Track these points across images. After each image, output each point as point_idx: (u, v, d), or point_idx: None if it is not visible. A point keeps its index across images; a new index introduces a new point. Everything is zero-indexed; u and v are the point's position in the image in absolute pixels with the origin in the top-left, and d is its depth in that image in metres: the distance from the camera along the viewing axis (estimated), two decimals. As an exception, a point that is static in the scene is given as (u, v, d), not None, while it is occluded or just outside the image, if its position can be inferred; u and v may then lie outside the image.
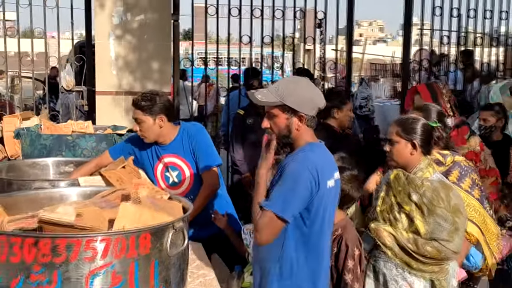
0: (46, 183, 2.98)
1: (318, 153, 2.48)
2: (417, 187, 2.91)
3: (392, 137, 3.04)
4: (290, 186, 2.38)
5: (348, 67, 7.30)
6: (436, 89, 3.80)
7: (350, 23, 6.93)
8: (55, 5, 5.86)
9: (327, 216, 2.50)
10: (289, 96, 2.46)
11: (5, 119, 5.16)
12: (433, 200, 2.88)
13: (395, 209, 2.95)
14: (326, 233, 2.55)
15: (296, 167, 2.40)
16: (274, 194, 2.41)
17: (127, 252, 2.03)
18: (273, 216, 2.38)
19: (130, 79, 5.78)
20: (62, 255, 1.94)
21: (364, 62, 21.29)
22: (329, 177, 2.48)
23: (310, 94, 2.49)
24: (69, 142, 3.98)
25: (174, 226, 2.18)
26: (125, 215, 2.19)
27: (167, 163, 3.58)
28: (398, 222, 2.92)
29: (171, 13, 6.00)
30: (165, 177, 3.61)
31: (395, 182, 2.99)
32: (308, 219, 2.45)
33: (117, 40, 5.73)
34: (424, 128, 3.03)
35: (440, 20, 6.76)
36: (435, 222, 2.86)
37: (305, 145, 2.50)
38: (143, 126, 3.48)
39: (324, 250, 2.56)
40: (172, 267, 2.21)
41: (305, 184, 2.39)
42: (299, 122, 2.48)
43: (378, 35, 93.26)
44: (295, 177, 2.39)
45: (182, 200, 2.57)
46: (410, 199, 2.91)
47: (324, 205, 2.47)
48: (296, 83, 2.53)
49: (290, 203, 2.38)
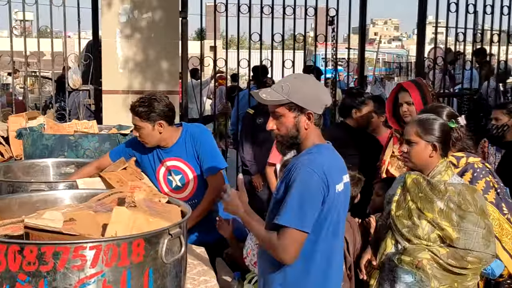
0: (43, 185, 2.88)
1: (325, 156, 2.34)
2: (441, 193, 2.75)
3: (410, 138, 2.86)
4: (302, 195, 2.23)
5: (361, 66, 7.14)
6: (423, 85, 3.64)
7: (363, 20, 6.77)
8: (61, 4, 5.77)
9: (335, 221, 2.35)
10: (295, 93, 2.31)
11: (10, 119, 5.09)
12: (461, 204, 2.72)
13: (414, 215, 2.78)
14: (337, 239, 2.40)
15: (304, 172, 2.25)
16: (287, 206, 2.24)
17: (118, 260, 1.92)
18: (293, 231, 2.23)
19: (137, 78, 5.69)
20: (49, 263, 1.84)
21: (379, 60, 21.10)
22: (337, 181, 2.33)
23: (317, 92, 2.36)
24: (72, 142, 3.89)
25: (170, 232, 2.06)
26: (118, 220, 2.08)
27: (170, 167, 3.47)
28: (418, 228, 2.76)
29: (179, 11, 5.89)
30: (168, 180, 3.50)
31: (415, 187, 2.82)
32: (314, 225, 2.30)
33: (124, 39, 5.64)
34: (443, 128, 2.86)
35: (456, 16, 6.57)
36: (467, 228, 2.71)
37: (312, 147, 2.35)
38: (142, 133, 3.34)
39: (334, 257, 2.40)
40: (168, 275, 2.09)
41: (317, 188, 2.24)
42: (308, 121, 2.34)
43: (393, 33, 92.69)
44: (305, 184, 2.24)
45: (181, 204, 2.45)
46: (434, 206, 2.74)
47: (333, 210, 2.32)
48: (302, 80, 2.40)
49: (306, 213, 2.23)
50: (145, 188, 2.43)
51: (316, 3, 6.64)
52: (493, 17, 6.85)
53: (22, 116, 5.10)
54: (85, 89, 6.08)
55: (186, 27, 6.02)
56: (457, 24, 6.65)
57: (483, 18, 6.91)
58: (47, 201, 2.52)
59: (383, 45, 43.04)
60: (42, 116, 5.25)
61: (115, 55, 5.64)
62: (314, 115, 2.34)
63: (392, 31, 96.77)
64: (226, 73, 6.94)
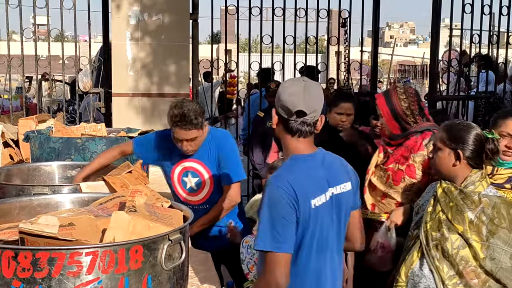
0: (46, 189, 2.83)
1: (298, 169, 2.19)
2: (474, 204, 2.59)
3: (436, 143, 2.72)
4: (271, 214, 2.11)
5: (374, 68, 7.05)
6: (392, 94, 3.47)
7: (376, 22, 6.69)
8: (71, 6, 5.77)
9: (319, 238, 2.21)
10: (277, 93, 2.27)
11: (20, 122, 5.09)
12: (494, 218, 2.56)
13: (444, 226, 2.62)
14: (325, 255, 2.26)
15: (269, 190, 2.14)
16: (260, 229, 2.13)
17: (116, 266, 1.86)
18: (272, 254, 2.10)
19: (147, 80, 5.66)
20: (43, 269, 1.78)
21: (394, 64, 20.95)
22: (314, 195, 2.18)
23: (281, 93, 2.22)
24: (79, 145, 3.85)
25: (170, 237, 2.00)
26: (117, 225, 2.02)
27: (188, 168, 3.41)
28: (447, 241, 2.60)
29: (190, 13, 5.85)
30: (182, 181, 3.44)
31: (445, 197, 2.66)
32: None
33: (133, 41, 5.62)
34: (476, 138, 2.67)
35: (471, 18, 6.45)
36: (496, 245, 2.55)
37: (288, 160, 2.24)
38: (196, 142, 3.27)
39: (323, 274, 2.27)
40: (168, 282, 2.03)
41: (285, 205, 2.11)
42: (276, 119, 2.25)
43: (409, 37, 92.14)
44: (271, 202, 2.12)
45: (184, 209, 2.39)
46: (464, 217, 2.59)
47: (312, 227, 2.17)
48: (286, 81, 2.34)
49: (280, 232, 2.10)
50: (147, 192, 2.36)
51: (329, 5, 6.57)
52: (510, 18, 6.72)
53: (32, 119, 5.10)
54: (95, 92, 6.06)
55: (196, 29, 5.98)
56: (472, 26, 6.54)
57: (499, 19, 6.79)
58: (48, 205, 2.48)
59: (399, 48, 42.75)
60: (53, 119, 5.24)
61: (125, 58, 5.62)
62: (277, 116, 2.23)
63: (408, 34, 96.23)
64: (237, 76, 6.88)
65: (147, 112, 5.71)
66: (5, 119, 6.40)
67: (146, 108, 5.69)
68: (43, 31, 7.01)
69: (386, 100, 3.43)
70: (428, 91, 6.64)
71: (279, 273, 2.10)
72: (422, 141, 3.32)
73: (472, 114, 6.95)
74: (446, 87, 7.38)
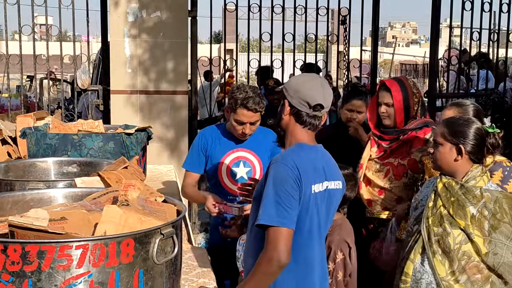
0: (40, 184, 2.81)
1: (303, 154, 2.29)
2: (476, 198, 2.58)
3: (437, 139, 2.71)
4: (277, 191, 2.18)
5: (373, 67, 7.02)
6: (407, 86, 3.36)
7: (376, 19, 6.66)
8: (70, 3, 5.75)
9: (310, 222, 2.28)
10: (286, 83, 2.39)
11: (18, 119, 5.07)
12: (496, 213, 2.55)
13: (445, 221, 2.62)
14: (316, 242, 2.32)
15: (276, 167, 2.22)
16: (265, 205, 2.19)
17: (106, 260, 1.84)
18: (276, 229, 2.17)
19: (145, 77, 5.64)
20: (33, 263, 1.76)
21: (396, 64, 20.92)
22: (314, 181, 2.27)
23: (299, 85, 2.33)
24: (75, 142, 3.83)
25: (162, 231, 1.98)
26: (109, 219, 2.01)
27: (240, 157, 3.44)
28: (449, 236, 2.59)
29: (189, 10, 5.83)
30: (231, 172, 3.45)
31: (446, 192, 2.65)
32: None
33: (132, 38, 5.60)
34: (477, 132, 2.66)
35: (471, 15, 6.42)
36: (498, 240, 2.54)
37: (294, 145, 2.33)
38: (254, 126, 3.35)
39: (314, 261, 2.33)
40: (160, 277, 2.01)
41: (291, 183, 2.19)
42: (286, 110, 2.34)
43: (411, 37, 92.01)
44: (278, 179, 2.19)
45: (177, 203, 2.37)
46: (466, 212, 2.58)
47: (311, 211, 2.25)
48: (300, 75, 2.50)
49: (285, 208, 2.18)
50: (140, 186, 2.34)
51: (328, 3, 6.54)
52: (510, 16, 6.69)
53: (30, 116, 5.08)
54: (94, 89, 6.05)
55: (195, 27, 5.96)
56: (472, 24, 6.51)
57: (499, 17, 6.76)
58: (41, 200, 2.46)
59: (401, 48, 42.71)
60: (51, 116, 5.22)
61: (123, 55, 5.60)
62: (290, 107, 2.32)
63: (410, 34, 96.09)
64: (236, 75, 6.86)
65: (145, 109, 5.69)
66: (4, 117, 6.40)
67: (144, 106, 5.68)
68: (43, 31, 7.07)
69: (401, 89, 3.35)
70: (428, 89, 6.61)
71: (282, 249, 2.15)
72: (424, 136, 3.30)
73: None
74: (446, 85, 7.35)
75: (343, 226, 2.82)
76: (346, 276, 2.66)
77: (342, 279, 2.65)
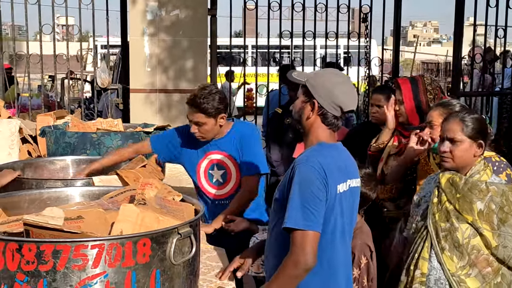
0: (58, 182, 2.80)
1: (326, 154, 2.24)
2: (482, 193, 2.56)
3: (454, 136, 2.63)
4: (303, 193, 2.13)
5: (395, 65, 6.92)
6: (419, 82, 3.34)
7: (398, 19, 6.56)
8: (90, 2, 5.75)
9: (334, 224, 2.22)
10: (312, 79, 2.29)
11: (38, 118, 5.09)
12: (504, 206, 2.53)
13: (452, 216, 2.59)
14: (340, 244, 2.26)
15: (302, 169, 2.17)
16: (291, 208, 2.15)
17: (122, 260, 1.80)
18: (302, 232, 2.12)
19: (164, 76, 5.63)
20: (48, 262, 1.73)
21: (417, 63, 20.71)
22: (339, 181, 2.22)
23: (332, 87, 2.25)
24: (94, 140, 3.82)
25: (179, 231, 1.93)
26: (125, 218, 1.97)
27: (214, 160, 3.35)
28: (457, 231, 2.57)
29: (208, 8, 5.79)
30: (208, 175, 3.39)
31: (451, 187, 2.61)
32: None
33: (151, 37, 5.58)
34: (485, 124, 2.68)
35: (496, 12, 6.28)
36: (507, 232, 2.52)
37: (315, 145, 2.27)
38: (203, 128, 3.21)
39: (338, 263, 2.27)
40: (177, 278, 1.97)
41: (317, 185, 2.14)
42: (310, 110, 2.27)
43: (433, 36, 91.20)
44: (304, 181, 2.14)
45: (195, 202, 2.33)
46: (473, 207, 2.55)
47: (335, 212, 2.19)
48: (327, 72, 2.37)
49: (311, 211, 2.13)
50: (158, 185, 2.30)
51: (349, 1, 6.46)
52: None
53: (50, 115, 5.09)
54: (114, 88, 6.05)
55: (215, 25, 5.93)
56: (497, 21, 6.36)
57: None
58: (58, 198, 2.43)
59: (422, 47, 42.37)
60: (71, 115, 5.23)
61: (142, 54, 5.59)
62: (319, 108, 2.26)
63: (431, 33, 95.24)
64: (256, 74, 6.80)
65: (165, 108, 5.67)
66: (25, 116, 6.44)
67: (163, 104, 5.66)
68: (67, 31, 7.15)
69: (412, 87, 3.32)
70: (451, 87, 6.50)
71: (309, 252, 2.12)
72: None
73: (496, 110, 6.79)
74: (470, 83, 7.22)
75: (363, 230, 2.74)
76: (369, 280, 2.60)
77: (369, 285, 2.58)
